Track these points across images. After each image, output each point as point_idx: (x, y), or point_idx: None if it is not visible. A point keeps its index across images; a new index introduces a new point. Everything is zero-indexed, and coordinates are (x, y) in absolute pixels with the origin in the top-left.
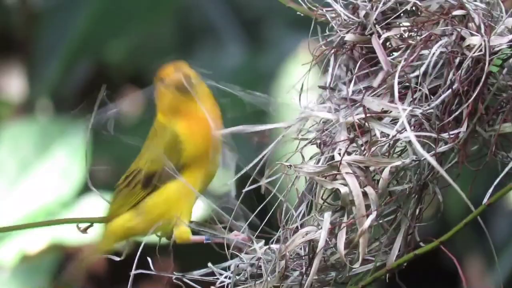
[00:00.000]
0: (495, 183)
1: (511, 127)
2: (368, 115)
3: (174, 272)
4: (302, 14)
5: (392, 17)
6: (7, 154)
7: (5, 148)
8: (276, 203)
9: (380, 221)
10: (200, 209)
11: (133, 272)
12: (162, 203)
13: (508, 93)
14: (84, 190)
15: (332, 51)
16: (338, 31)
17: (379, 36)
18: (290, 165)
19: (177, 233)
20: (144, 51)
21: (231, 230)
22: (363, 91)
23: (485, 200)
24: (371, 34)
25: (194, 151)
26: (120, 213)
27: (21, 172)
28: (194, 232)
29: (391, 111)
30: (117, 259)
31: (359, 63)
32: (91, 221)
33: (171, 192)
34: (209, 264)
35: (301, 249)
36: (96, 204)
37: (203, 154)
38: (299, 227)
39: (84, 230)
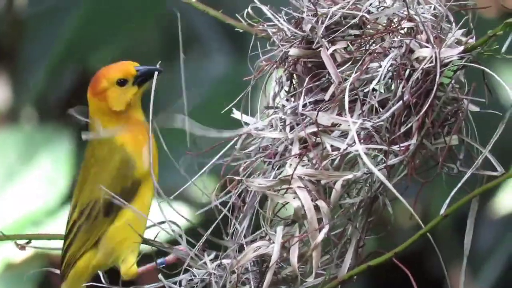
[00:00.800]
0: (451, 194)
1: (457, 139)
2: (319, 129)
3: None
4: (241, 31)
5: (339, 31)
6: None
7: None
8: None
9: (331, 234)
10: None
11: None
12: (121, 228)
13: (453, 106)
14: (70, 197)
15: (275, 66)
16: (280, 45)
17: (326, 50)
18: (241, 180)
19: (123, 270)
20: (129, 59)
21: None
22: (312, 105)
23: (442, 211)
24: (317, 48)
25: (143, 166)
26: (85, 250)
27: (6, 180)
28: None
29: (341, 125)
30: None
31: (307, 78)
32: (29, 238)
33: (130, 215)
34: (160, 276)
35: (250, 263)
36: None
37: (149, 168)
38: (245, 243)
39: (23, 247)
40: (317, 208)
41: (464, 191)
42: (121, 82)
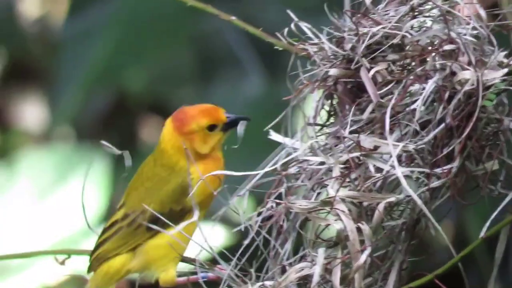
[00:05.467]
0: (492, 217)
1: (497, 164)
2: (362, 152)
3: None
4: (280, 49)
5: (379, 51)
6: (27, 183)
7: (24, 177)
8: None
9: (374, 256)
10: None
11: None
12: (163, 246)
13: (494, 126)
14: (106, 218)
15: (315, 86)
16: (321, 65)
17: (368, 70)
18: (280, 202)
19: (162, 276)
20: (163, 80)
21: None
22: (353, 127)
23: (482, 234)
24: (357, 68)
25: (202, 197)
26: (118, 253)
27: (43, 200)
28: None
29: (381, 147)
30: None
31: (349, 100)
32: (69, 253)
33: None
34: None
35: (293, 286)
36: None
37: (208, 199)
38: (287, 265)
39: (62, 262)
40: (359, 230)
41: (507, 212)
42: (211, 128)
